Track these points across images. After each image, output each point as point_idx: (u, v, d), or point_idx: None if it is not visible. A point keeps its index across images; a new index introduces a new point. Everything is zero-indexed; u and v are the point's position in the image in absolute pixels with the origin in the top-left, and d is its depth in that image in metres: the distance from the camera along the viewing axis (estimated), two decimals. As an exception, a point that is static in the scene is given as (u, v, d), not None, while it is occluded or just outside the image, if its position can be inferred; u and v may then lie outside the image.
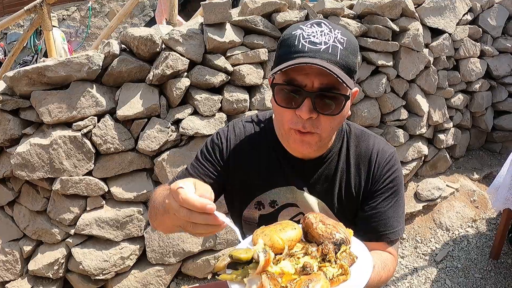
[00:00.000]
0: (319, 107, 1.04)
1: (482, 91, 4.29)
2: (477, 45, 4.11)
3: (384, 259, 1.20)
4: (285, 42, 1.06)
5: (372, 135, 1.31)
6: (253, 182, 1.30)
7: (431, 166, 4.14)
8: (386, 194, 1.24)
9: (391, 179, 1.24)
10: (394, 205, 1.24)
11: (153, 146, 2.65)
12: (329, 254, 0.91)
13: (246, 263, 0.89)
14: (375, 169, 1.24)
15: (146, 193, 2.72)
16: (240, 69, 2.83)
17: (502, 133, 4.54)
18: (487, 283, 3.14)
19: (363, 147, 1.27)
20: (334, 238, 0.95)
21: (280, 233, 0.93)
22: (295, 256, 0.92)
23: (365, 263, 0.95)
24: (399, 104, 3.67)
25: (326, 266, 0.90)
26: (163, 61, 2.59)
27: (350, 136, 1.30)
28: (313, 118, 1.05)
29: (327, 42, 1.02)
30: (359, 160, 1.27)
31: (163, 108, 2.71)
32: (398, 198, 1.25)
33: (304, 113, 1.02)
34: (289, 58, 1.02)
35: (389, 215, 1.23)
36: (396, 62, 3.56)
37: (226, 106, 2.82)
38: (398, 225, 1.24)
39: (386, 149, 1.27)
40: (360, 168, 1.26)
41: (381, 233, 1.22)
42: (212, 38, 2.67)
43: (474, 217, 3.85)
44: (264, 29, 2.90)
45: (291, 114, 1.06)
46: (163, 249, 2.78)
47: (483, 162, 4.57)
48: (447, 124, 4.10)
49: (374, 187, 1.24)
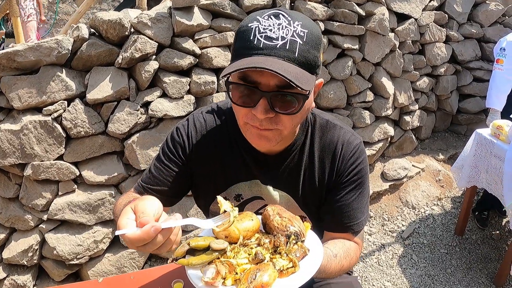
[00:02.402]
0: (276, 106, 0.98)
1: (448, 75, 4.44)
2: (443, 31, 4.24)
3: (347, 248, 1.21)
4: (241, 34, 0.99)
5: (338, 125, 1.25)
6: (217, 177, 1.27)
7: (397, 147, 4.29)
8: (350, 187, 1.22)
9: (356, 171, 1.22)
10: (359, 197, 1.23)
11: (123, 129, 2.67)
12: (280, 246, 0.94)
13: (203, 251, 0.93)
14: (340, 162, 1.22)
15: (117, 175, 2.74)
16: (208, 52, 2.87)
17: (467, 116, 4.71)
18: (452, 258, 3.29)
19: (328, 139, 1.23)
20: (288, 231, 0.97)
21: (237, 224, 0.96)
22: (248, 246, 0.95)
23: (316, 256, 0.97)
24: (365, 86, 3.78)
25: (276, 258, 0.93)
26: (132, 44, 2.60)
27: (315, 127, 1.24)
28: (271, 117, 0.99)
29: (284, 37, 0.94)
30: (324, 152, 1.23)
31: (132, 91, 2.73)
32: (362, 189, 1.24)
33: (259, 113, 0.96)
34: (245, 54, 0.95)
35: (354, 207, 1.22)
36: (362, 46, 3.65)
37: (194, 88, 2.86)
38: (362, 216, 1.25)
39: (351, 141, 1.23)
40: (324, 161, 1.23)
41: (345, 224, 1.22)
42: (180, 21, 2.70)
43: (439, 195, 4.01)
44: (231, 12, 2.94)
45: (247, 110, 1.00)
46: (137, 231, 2.81)
47: (448, 144, 4.74)
48: (412, 106, 4.24)
49: (339, 179, 1.22)
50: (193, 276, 0.92)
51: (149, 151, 2.76)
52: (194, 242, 0.93)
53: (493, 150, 2.92)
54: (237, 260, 0.92)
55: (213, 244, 0.92)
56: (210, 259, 0.91)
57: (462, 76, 4.56)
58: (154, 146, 2.78)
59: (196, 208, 2.96)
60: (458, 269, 3.18)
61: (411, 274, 3.14)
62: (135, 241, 0.81)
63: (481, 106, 4.63)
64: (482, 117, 4.72)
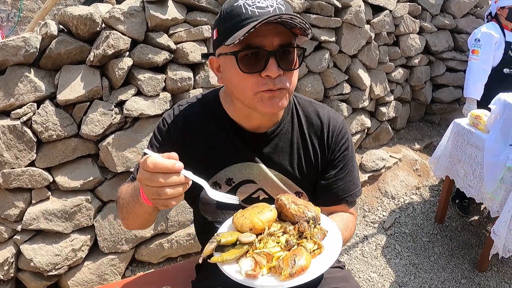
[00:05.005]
0: (283, 64, 1.05)
1: (421, 65, 4.50)
2: (417, 22, 4.29)
3: (345, 220, 1.30)
4: (230, 14, 1.05)
5: (319, 104, 1.36)
6: (206, 162, 1.27)
7: (374, 138, 4.32)
8: (343, 162, 1.30)
9: (346, 146, 1.31)
10: (350, 170, 1.32)
11: (97, 130, 2.54)
12: (305, 232, 1.00)
13: (231, 246, 0.99)
14: (330, 138, 1.29)
15: (92, 180, 2.61)
16: (184, 47, 2.77)
17: (440, 105, 4.80)
18: (435, 246, 3.34)
19: (313, 117, 1.30)
20: (306, 216, 1.04)
21: (259, 215, 1.02)
22: (275, 235, 1.01)
23: (335, 236, 1.05)
24: (342, 79, 3.77)
25: (303, 242, 0.99)
26: (104, 40, 2.47)
27: (298, 106, 1.32)
28: (281, 75, 1.06)
29: (272, 5, 1.04)
30: (311, 129, 1.30)
31: (105, 90, 2.59)
32: (353, 162, 1.33)
33: (273, 71, 1.03)
34: (242, 26, 1.01)
35: (347, 180, 1.31)
36: (338, 38, 3.64)
37: (170, 85, 2.75)
38: (356, 187, 1.34)
39: (336, 117, 1.32)
40: (313, 137, 1.29)
41: (341, 197, 1.31)
42: (155, 15, 2.58)
43: (417, 184, 4.06)
44: (207, 5, 2.85)
45: (255, 78, 1.06)
46: (115, 236, 2.70)
47: (423, 133, 4.82)
48: (388, 97, 4.27)
49: (331, 156, 1.30)
50: (231, 271, 0.94)
51: (126, 153, 2.64)
52: (223, 238, 0.98)
53: (471, 140, 2.97)
54: (270, 250, 0.96)
55: (242, 238, 0.97)
56: (241, 252, 0.95)
57: (436, 67, 4.63)
58: (131, 147, 2.66)
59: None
60: (441, 257, 3.22)
61: (396, 264, 3.16)
62: (157, 165, 0.86)
63: (454, 95, 4.73)
64: (456, 106, 4.82)
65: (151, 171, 0.87)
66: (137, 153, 2.67)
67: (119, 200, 1.22)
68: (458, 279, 3.01)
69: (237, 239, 0.98)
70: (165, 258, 2.95)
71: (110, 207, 2.70)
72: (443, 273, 3.06)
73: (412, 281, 3.00)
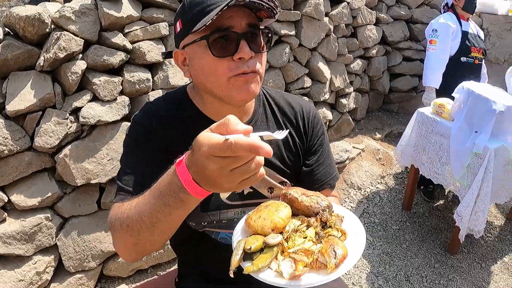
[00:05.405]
0: (253, 46, 1.04)
1: (379, 56, 4.57)
2: (373, 13, 4.34)
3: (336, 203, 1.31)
4: (193, 2, 1.04)
5: (287, 93, 1.37)
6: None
7: (336, 130, 4.34)
8: (322, 147, 1.34)
9: (322, 131, 1.35)
10: (328, 153, 1.37)
11: (52, 142, 2.33)
12: (329, 221, 0.98)
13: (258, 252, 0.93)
14: (306, 125, 1.31)
15: (51, 196, 2.39)
16: (140, 46, 2.60)
17: (398, 94, 4.90)
18: (405, 233, 3.39)
19: (285, 106, 1.31)
20: (322, 206, 1.01)
21: (278, 214, 0.98)
22: (299, 230, 0.97)
23: (352, 219, 1.04)
24: (303, 73, 3.74)
25: (330, 232, 0.96)
26: (54, 43, 2.26)
27: (269, 97, 1.32)
28: (253, 57, 1.04)
29: None
30: (285, 118, 1.30)
31: (58, 97, 2.38)
32: (328, 146, 1.38)
33: (246, 53, 1.01)
34: (209, 11, 0.99)
35: (327, 164, 1.35)
36: (298, 31, 3.60)
37: (128, 87, 2.58)
38: (335, 169, 1.38)
39: (307, 104, 1.35)
40: (289, 126, 1.30)
41: (323, 182, 1.33)
42: (108, 13, 2.40)
43: (382, 173, 4.12)
44: (163, 1, 2.70)
45: (228, 62, 1.03)
46: (80, 254, 2.51)
47: (383, 122, 4.91)
48: (348, 89, 4.31)
49: (310, 142, 1.32)
50: (270, 278, 0.88)
51: (85, 164, 2.44)
52: (251, 245, 0.92)
53: (436, 128, 3.02)
54: (303, 246, 0.93)
55: (269, 240, 0.92)
56: (272, 256, 0.90)
57: (392, 57, 4.72)
58: (90, 158, 2.47)
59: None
60: (412, 243, 3.28)
61: (369, 254, 3.18)
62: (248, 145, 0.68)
63: (411, 84, 4.85)
64: (413, 94, 4.95)
65: (244, 152, 0.70)
66: (97, 163, 2.48)
67: (125, 222, 0.98)
68: (432, 263, 3.07)
69: (262, 242, 0.93)
70: (135, 271, 2.79)
71: (73, 224, 2.51)
72: (417, 259, 3.12)
73: (387, 270, 3.03)
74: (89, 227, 2.55)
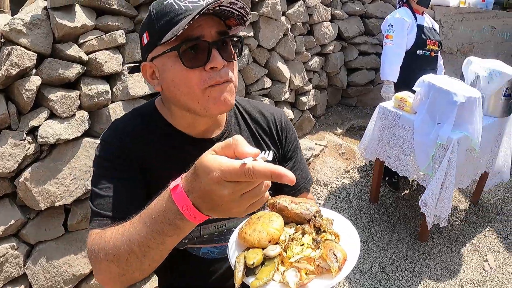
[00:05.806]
0: (224, 55, 1.01)
1: (335, 52, 4.64)
2: (329, 10, 4.40)
3: None
4: (161, 12, 0.99)
5: (256, 102, 1.36)
6: (161, 178, 1.07)
7: (298, 128, 4.37)
8: (296, 152, 1.34)
9: (294, 136, 1.35)
10: (301, 158, 1.37)
11: (11, 166, 2.16)
12: (322, 226, 0.98)
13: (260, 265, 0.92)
14: (279, 133, 1.31)
15: (14, 223, 2.22)
16: (97, 57, 2.47)
17: (355, 88, 5.00)
18: (375, 225, 3.47)
19: (257, 115, 1.30)
20: (312, 212, 1.01)
21: (272, 225, 0.98)
22: (296, 238, 0.97)
23: (340, 220, 1.05)
24: (262, 73, 3.73)
25: (325, 237, 0.96)
26: (5, 59, 2.09)
27: (240, 106, 1.30)
28: (225, 66, 1.01)
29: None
30: (258, 127, 1.29)
31: (13, 116, 2.22)
32: (301, 150, 1.39)
33: (218, 62, 0.98)
34: (178, 21, 0.95)
35: (302, 168, 1.35)
36: (256, 32, 3.57)
37: (86, 101, 2.45)
38: (309, 173, 1.39)
39: (277, 111, 1.35)
40: (262, 135, 1.29)
41: (300, 186, 1.33)
42: (62, 23, 2.25)
43: (346, 168, 4.19)
44: (118, 8, 2.58)
45: (200, 73, 0.99)
46: (51, 281, 2.35)
47: (343, 117, 4.99)
48: (307, 86, 4.34)
49: (285, 149, 1.32)
50: None
51: (47, 186, 2.29)
52: (252, 259, 0.91)
53: (399, 122, 3.10)
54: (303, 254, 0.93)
55: (269, 252, 0.92)
56: (274, 267, 0.90)
57: (349, 52, 4.80)
58: (52, 179, 2.32)
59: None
60: (383, 234, 3.35)
61: (343, 250, 3.21)
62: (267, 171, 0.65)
63: (368, 78, 4.96)
64: (370, 87, 5.06)
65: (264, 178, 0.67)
66: (60, 184, 2.33)
67: (111, 252, 0.91)
68: (404, 252, 3.16)
69: (264, 254, 0.93)
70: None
71: (40, 250, 2.34)
72: (389, 249, 3.19)
73: (362, 263, 3.08)
74: (57, 252, 2.40)
